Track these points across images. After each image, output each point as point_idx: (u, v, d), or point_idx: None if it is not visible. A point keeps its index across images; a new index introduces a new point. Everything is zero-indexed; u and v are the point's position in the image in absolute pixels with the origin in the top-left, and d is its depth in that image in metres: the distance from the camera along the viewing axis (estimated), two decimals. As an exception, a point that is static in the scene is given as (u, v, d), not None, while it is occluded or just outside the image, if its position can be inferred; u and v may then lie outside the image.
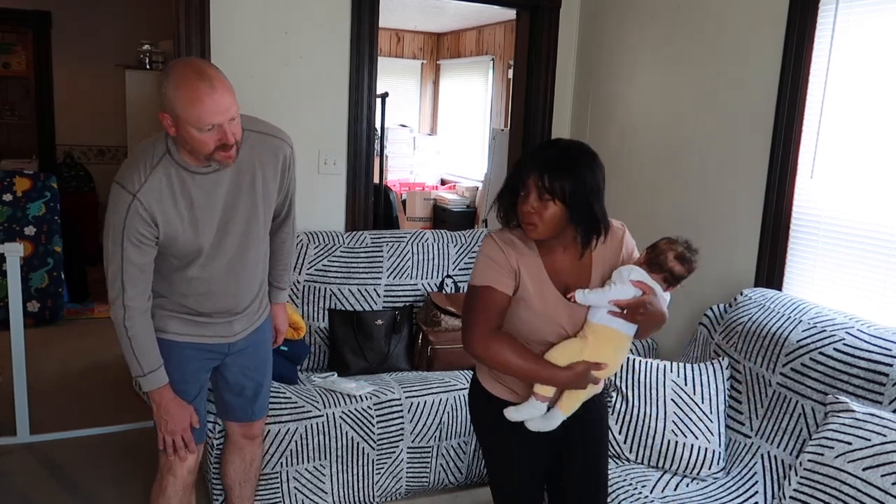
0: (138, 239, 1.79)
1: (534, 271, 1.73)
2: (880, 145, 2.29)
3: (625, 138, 3.36)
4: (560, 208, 1.64)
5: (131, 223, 1.77)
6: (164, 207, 1.80)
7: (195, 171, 1.82)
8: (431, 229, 3.54)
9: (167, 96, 1.70)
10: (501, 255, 1.72)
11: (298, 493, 2.58)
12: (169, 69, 1.75)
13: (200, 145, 1.72)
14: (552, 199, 1.62)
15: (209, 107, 1.67)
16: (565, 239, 1.73)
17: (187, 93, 1.67)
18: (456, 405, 2.77)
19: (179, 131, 1.72)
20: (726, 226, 2.79)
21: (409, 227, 6.40)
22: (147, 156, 1.80)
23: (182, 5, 2.92)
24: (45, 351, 4.20)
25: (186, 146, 1.75)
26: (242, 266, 1.98)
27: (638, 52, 3.27)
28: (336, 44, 3.21)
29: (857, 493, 1.74)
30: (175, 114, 1.69)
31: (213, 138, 1.71)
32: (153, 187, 1.78)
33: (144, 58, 6.00)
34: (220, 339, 2.04)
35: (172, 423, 1.96)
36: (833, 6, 2.40)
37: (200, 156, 1.76)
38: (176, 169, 1.80)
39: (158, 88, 1.74)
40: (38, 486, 2.83)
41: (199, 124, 1.68)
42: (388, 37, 7.59)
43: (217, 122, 1.69)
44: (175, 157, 1.80)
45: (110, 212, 1.81)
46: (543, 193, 1.62)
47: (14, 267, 3.06)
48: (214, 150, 1.73)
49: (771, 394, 2.23)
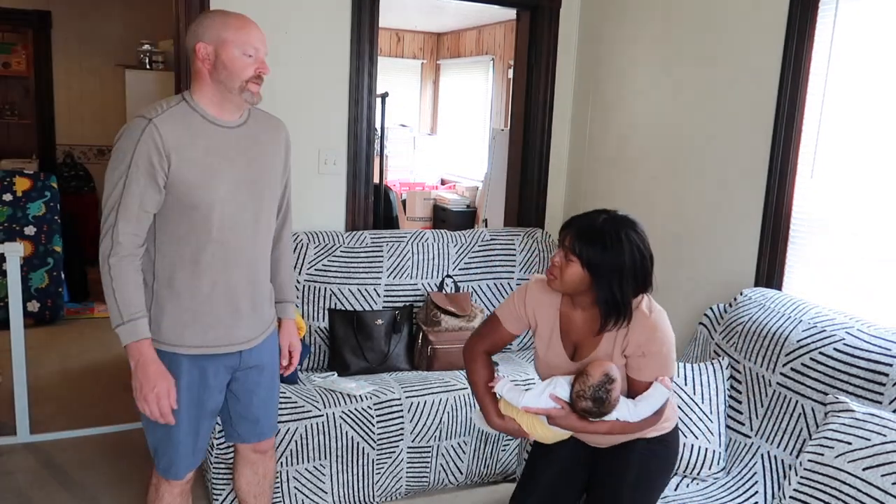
0: (146, 168, 1.75)
1: (548, 322, 1.89)
2: (880, 145, 2.29)
3: (625, 138, 3.36)
4: (582, 271, 1.75)
5: (142, 148, 1.74)
6: (179, 141, 1.78)
7: (212, 121, 1.86)
8: (431, 229, 3.54)
9: (213, 25, 1.82)
10: (521, 302, 1.92)
11: (298, 493, 2.58)
12: (205, 13, 1.92)
13: (241, 69, 1.82)
14: (577, 260, 1.75)
15: (257, 34, 1.86)
16: (584, 301, 1.83)
17: (237, 21, 1.84)
18: (456, 405, 2.77)
19: (220, 57, 1.81)
20: (726, 225, 2.79)
21: (409, 227, 6.40)
22: (163, 101, 1.85)
23: (182, 5, 2.92)
24: (45, 351, 4.20)
25: (223, 74, 1.81)
26: (255, 236, 1.94)
27: (638, 52, 3.27)
28: (336, 44, 3.21)
29: (857, 493, 1.75)
30: (221, 38, 1.80)
31: (253, 65, 1.83)
32: (170, 119, 1.80)
33: (144, 58, 6.01)
34: (228, 348, 1.94)
35: (148, 387, 1.79)
36: (833, 6, 2.40)
37: (236, 83, 1.82)
38: (192, 114, 1.84)
39: (193, 29, 1.85)
40: (38, 486, 2.83)
41: (245, 46, 1.82)
42: (388, 37, 7.59)
43: (259, 48, 1.85)
44: (191, 104, 1.85)
45: (120, 139, 1.78)
46: (569, 252, 1.76)
47: (14, 267, 3.06)
48: (250, 78, 1.83)
49: (771, 394, 2.23)
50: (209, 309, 1.89)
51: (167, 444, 1.93)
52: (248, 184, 1.90)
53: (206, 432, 2.00)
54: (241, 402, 2.06)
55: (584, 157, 3.67)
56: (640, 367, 1.82)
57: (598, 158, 3.56)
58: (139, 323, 1.79)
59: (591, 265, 1.74)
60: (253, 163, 1.91)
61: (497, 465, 2.90)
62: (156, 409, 1.81)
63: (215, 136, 1.85)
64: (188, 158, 1.79)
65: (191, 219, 1.83)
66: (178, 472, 1.96)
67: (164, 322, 1.86)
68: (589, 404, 1.77)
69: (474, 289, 3.32)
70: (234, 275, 1.91)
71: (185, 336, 1.87)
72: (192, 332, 1.88)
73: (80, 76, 6.36)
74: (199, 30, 1.83)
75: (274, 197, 2.01)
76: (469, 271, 3.33)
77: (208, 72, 1.83)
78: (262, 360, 2.05)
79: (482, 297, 3.33)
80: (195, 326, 1.88)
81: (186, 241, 1.84)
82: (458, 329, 3.06)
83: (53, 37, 6.19)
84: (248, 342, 1.98)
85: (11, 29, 6.24)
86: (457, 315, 3.09)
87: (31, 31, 6.16)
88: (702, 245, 2.90)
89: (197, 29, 1.83)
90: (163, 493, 1.99)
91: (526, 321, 1.92)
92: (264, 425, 2.13)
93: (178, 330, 1.87)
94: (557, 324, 1.88)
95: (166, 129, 1.77)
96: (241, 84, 1.83)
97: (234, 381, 2.02)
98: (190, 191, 1.80)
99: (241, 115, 1.92)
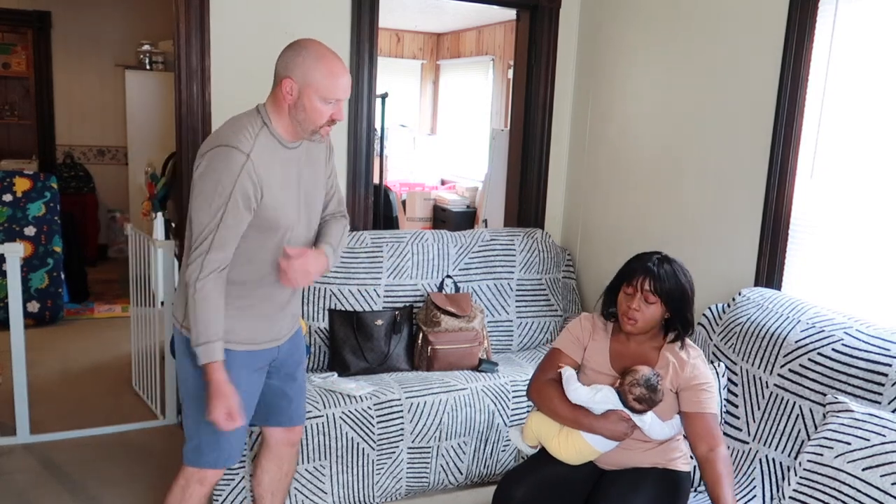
0: (245, 202, 1.82)
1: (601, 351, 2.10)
2: (880, 145, 2.29)
3: (625, 138, 3.36)
4: (661, 309, 1.97)
5: (242, 183, 1.81)
6: (268, 172, 1.86)
7: (285, 145, 1.92)
8: (431, 229, 3.54)
9: (305, 65, 1.83)
10: (578, 330, 2.14)
11: (298, 493, 2.58)
12: (302, 43, 1.88)
13: (318, 116, 1.86)
14: (657, 300, 1.95)
15: (343, 83, 1.87)
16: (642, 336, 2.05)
17: (329, 66, 1.85)
18: (456, 405, 2.78)
19: (302, 99, 1.84)
20: (726, 225, 2.79)
21: (409, 227, 6.40)
22: (249, 123, 1.88)
23: (182, 5, 2.92)
24: (45, 351, 4.20)
25: (301, 115, 1.86)
26: (306, 245, 2.04)
27: (638, 51, 3.28)
28: (336, 44, 3.17)
29: (857, 494, 1.74)
30: (307, 81, 1.83)
31: (330, 112, 1.88)
32: (261, 151, 1.85)
33: (144, 58, 6.01)
34: (271, 343, 2.07)
35: (222, 405, 1.88)
36: (833, 6, 2.40)
37: (309, 127, 1.88)
38: (273, 141, 1.90)
39: (287, 58, 1.86)
40: (38, 486, 2.83)
41: (328, 95, 1.85)
42: (388, 37, 7.59)
43: (341, 98, 1.88)
44: (271, 129, 1.89)
45: (217, 171, 1.81)
46: (648, 294, 1.95)
47: (14, 267, 3.06)
48: (324, 123, 1.89)
49: (768, 395, 2.23)
50: (259, 311, 2.02)
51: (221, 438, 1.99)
52: (306, 197, 2.01)
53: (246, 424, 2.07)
54: (280, 387, 2.18)
55: (583, 158, 3.67)
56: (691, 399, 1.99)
57: (598, 158, 3.56)
58: (215, 346, 1.88)
59: (672, 300, 1.97)
60: (309, 182, 2.02)
61: (497, 465, 2.90)
62: (226, 424, 1.91)
63: (288, 161, 1.94)
64: (272, 185, 1.89)
65: (266, 239, 1.92)
66: (228, 459, 2.06)
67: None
68: (643, 390, 1.95)
69: (474, 289, 3.32)
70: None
71: (237, 332, 1.97)
72: (243, 328, 1.99)
73: (80, 76, 6.36)
74: (291, 63, 1.84)
75: (321, 208, 2.12)
76: (469, 272, 3.33)
77: (289, 106, 1.88)
78: (294, 350, 2.20)
79: (482, 297, 3.33)
80: (247, 323, 2.00)
81: (255, 258, 1.95)
82: (457, 329, 3.07)
83: (53, 37, 6.20)
84: (286, 335, 2.14)
85: (11, 29, 6.25)
86: (457, 315, 3.09)
87: (31, 31, 6.17)
88: (701, 245, 2.91)
89: (289, 61, 1.85)
90: (192, 492, 2.05)
91: (581, 347, 2.13)
92: (299, 408, 2.25)
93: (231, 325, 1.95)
94: (608, 351, 2.09)
95: (259, 162, 1.84)
96: (314, 128, 1.90)
97: (272, 370, 2.14)
98: (272, 216, 1.90)
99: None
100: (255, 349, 2.03)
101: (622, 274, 2.04)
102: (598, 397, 2.01)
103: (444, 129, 7.82)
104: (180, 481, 2.05)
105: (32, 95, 6.34)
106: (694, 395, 1.98)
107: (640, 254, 2.05)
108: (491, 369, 3.00)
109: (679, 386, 2.00)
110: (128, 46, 6.21)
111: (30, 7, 6.03)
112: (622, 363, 2.05)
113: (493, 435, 2.84)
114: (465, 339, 3.06)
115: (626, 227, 3.36)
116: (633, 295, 1.97)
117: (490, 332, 3.30)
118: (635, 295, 1.97)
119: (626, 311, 1.99)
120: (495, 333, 3.34)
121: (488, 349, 3.16)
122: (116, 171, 6.54)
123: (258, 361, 2.06)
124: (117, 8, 6.28)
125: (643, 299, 1.96)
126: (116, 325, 4.64)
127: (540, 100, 3.66)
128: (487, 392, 2.85)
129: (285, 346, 2.15)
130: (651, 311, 1.97)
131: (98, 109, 6.45)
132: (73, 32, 6.23)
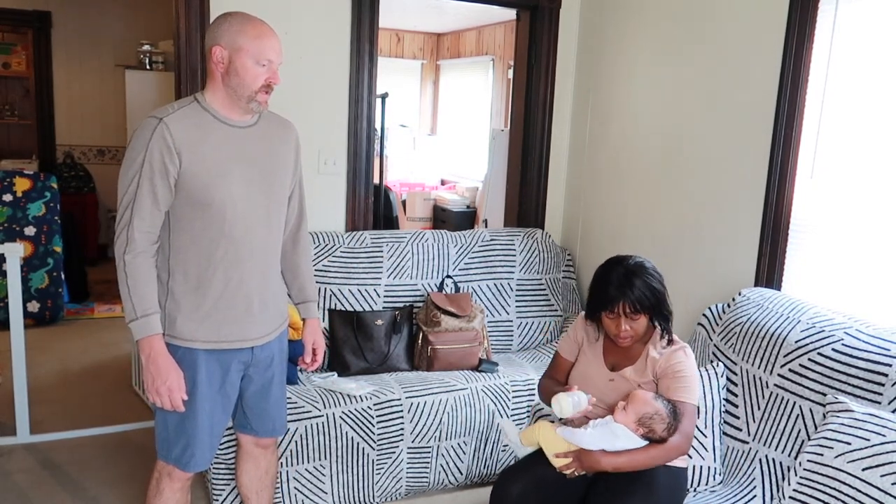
0: (159, 167, 1.79)
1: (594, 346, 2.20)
2: (880, 145, 2.29)
3: (625, 138, 3.36)
4: (646, 319, 2.05)
5: (154, 147, 1.79)
6: (189, 140, 1.82)
7: (223, 121, 1.89)
8: (431, 229, 3.54)
9: (231, 30, 1.82)
10: (574, 332, 2.26)
11: (298, 493, 2.58)
12: (227, 14, 1.88)
13: (252, 79, 1.84)
14: (641, 314, 2.02)
15: (272, 44, 1.86)
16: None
17: (255, 28, 1.84)
18: (456, 405, 2.78)
19: (234, 63, 1.83)
20: (726, 225, 2.79)
21: (409, 227, 6.40)
22: (175, 101, 1.89)
23: (182, 5, 2.92)
24: (45, 351, 4.20)
25: (234, 80, 1.84)
26: (267, 234, 1.98)
27: (638, 52, 3.27)
28: (336, 44, 3.22)
29: (857, 493, 1.74)
30: (237, 45, 1.82)
31: (265, 75, 1.85)
32: (182, 118, 1.84)
33: (144, 58, 6.01)
34: (242, 343, 1.97)
35: (160, 380, 1.85)
36: (833, 6, 2.39)
37: (244, 93, 1.85)
38: (204, 114, 1.87)
39: (213, 28, 1.86)
40: (38, 486, 2.83)
41: (259, 56, 1.83)
42: (388, 37, 7.59)
43: (273, 59, 1.86)
44: (203, 104, 1.88)
45: (133, 140, 1.83)
46: (632, 315, 2.02)
47: (14, 267, 3.06)
48: (260, 88, 1.86)
49: (768, 395, 2.23)
50: (223, 305, 1.93)
51: (184, 435, 1.95)
52: (260, 182, 1.94)
53: (221, 427, 2.03)
54: (256, 398, 2.10)
55: (583, 157, 3.67)
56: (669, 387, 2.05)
57: (598, 158, 3.56)
58: (151, 319, 1.85)
59: (653, 310, 2.04)
60: (264, 162, 1.96)
61: (497, 465, 2.90)
62: (167, 400, 1.86)
63: (227, 136, 1.89)
64: (199, 157, 1.83)
65: (204, 216, 1.87)
66: (197, 462, 1.99)
67: (180, 318, 1.91)
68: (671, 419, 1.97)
69: (474, 289, 3.32)
70: (246, 272, 1.95)
71: (200, 331, 1.92)
72: (207, 327, 1.92)
73: (80, 76, 6.36)
74: (218, 32, 1.85)
75: (284, 196, 2.06)
76: (469, 272, 3.33)
77: (221, 75, 1.86)
78: (273, 357, 2.09)
79: (482, 297, 3.33)
80: (209, 322, 1.93)
81: (200, 239, 1.89)
82: (458, 329, 3.07)
83: (53, 37, 6.20)
84: (261, 338, 2.02)
85: (11, 29, 6.25)
86: (457, 315, 3.09)
87: (31, 31, 6.17)
88: (701, 245, 2.90)
89: (216, 31, 1.85)
90: (163, 486, 2.02)
91: (577, 347, 2.25)
92: (277, 423, 2.18)
93: (194, 325, 1.91)
94: (601, 347, 2.19)
95: (177, 127, 1.81)
96: (251, 93, 1.87)
97: (246, 378, 2.06)
98: (202, 189, 1.85)
99: (253, 116, 1.96)
100: (217, 348, 1.94)
101: (599, 302, 2.07)
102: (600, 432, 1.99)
103: (444, 129, 7.82)
104: (154, 473, 2.05)
105: (32, 95, 6.34)
106: (667, 382, 2.05)
107: (606, 271, 2.07)
108: (491, 369, 3.00)
109: (657, 374, 2.07)
110: (128, 46, 6.21)
111: (30, 7, 6.03)
112: (611, 359, 2.16)
113: (493, 435, 2.84)
114: (465, 339, 3.06)
115: (626, 226, 3.36)
116: (617, 320, 2.04)
117: (490, 332, 3.30)
118: (620, 319, 2.03)
119: (618, 333, 2.06)
120: (495, 333, 3.34)
121: (488, 349, 3.17)
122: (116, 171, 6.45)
123: (222, 362, 1.96)
124: (117, 8, 6.28)
125: (629, 320, 2.03)
126: (116, 325, 4.63)
127: (540, 100, 3.66)
128: (487, 392, 2.85)
129: (262, 353, 2.03)
130: (638, 324, 2.05)
131: (98, 109, 6.44)
132: (73, 32, 6.23)
